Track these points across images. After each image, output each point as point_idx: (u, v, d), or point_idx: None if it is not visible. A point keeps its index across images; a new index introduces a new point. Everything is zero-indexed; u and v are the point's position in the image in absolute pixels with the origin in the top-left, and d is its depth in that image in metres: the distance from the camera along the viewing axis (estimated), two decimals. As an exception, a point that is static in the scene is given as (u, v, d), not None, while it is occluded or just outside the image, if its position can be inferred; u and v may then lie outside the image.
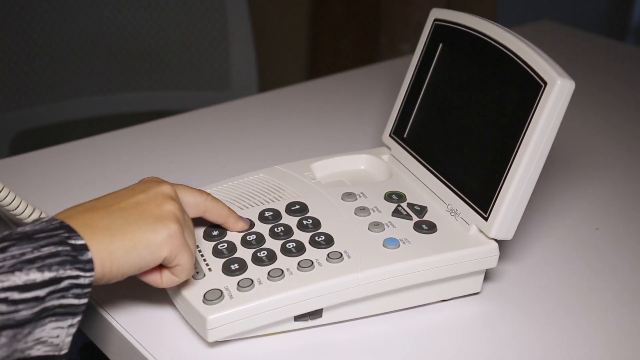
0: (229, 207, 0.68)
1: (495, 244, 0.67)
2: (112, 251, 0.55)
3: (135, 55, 1.65)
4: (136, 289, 0.69)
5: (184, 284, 0.63)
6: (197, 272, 0.64)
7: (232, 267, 0.64)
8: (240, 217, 0.69)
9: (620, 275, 0.75)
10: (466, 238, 0.67)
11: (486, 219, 0.66)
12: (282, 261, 0.65)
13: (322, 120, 1.05)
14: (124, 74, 1.67)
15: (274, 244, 0.67)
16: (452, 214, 0.70)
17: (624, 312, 0.70)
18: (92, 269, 0.54)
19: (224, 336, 0.61)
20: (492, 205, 0.66)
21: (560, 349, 0.65)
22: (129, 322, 0.65)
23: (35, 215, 0.69)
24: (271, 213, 0.70)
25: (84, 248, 0.54)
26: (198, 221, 0.69)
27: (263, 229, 0.69)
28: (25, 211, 0.69)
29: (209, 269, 0.64)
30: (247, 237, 0.67)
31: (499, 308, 0.69)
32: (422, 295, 0.68)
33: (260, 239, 0.67)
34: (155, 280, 0.61)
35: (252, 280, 0.62)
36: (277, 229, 0.68)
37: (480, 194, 0.67)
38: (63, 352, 0.54)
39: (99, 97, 1.67)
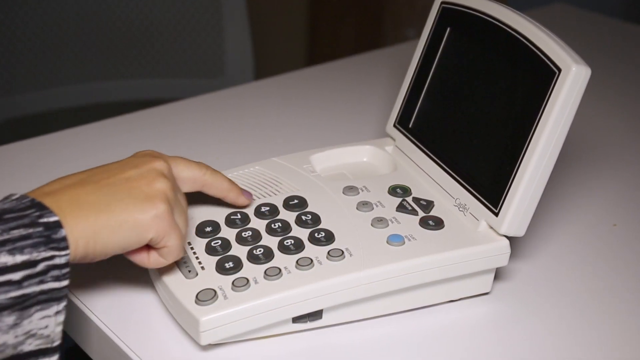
0: (230, 180, 0.69)
1: (506, 241, 0.67)
2: (97, 230, 0.56)
3: (124, 41, 1.65)
4: (125, 289, 0.69)
5: (176, 283, 0.63)
6: (190, 271, 0.64)
7: (227, 265, 0.64)
8: (243, 191, 0.70)
9: None
10: (475, 235, 0.67)
11: (496, 215, 0.66)
12: (280, 259, 0.65)
13: (322, 109, 1.05)
14: (112, 60, 1.66)
15: (271, 241, 0.67)
16: (461, 209, 0.70)
17: (643, 313, 0.70)
18: (66, 247, 0.54)
19: (217, 339, 0.61)
20: (503, 199, 0.66)
21: (575, 352, 0.65)
22: (116, 323, 0.65)
23: None
24: (268, 208, 0.70)
25: (57, 225, 0.54)
26: (192, 217, 0.69)
27: (259, 224, 0.69)
28: None
29: (202, 268, 0.64)
30: (243, 234, 0.67)
31: (510, 309, 0.69)
32: (429, 296, 0.68)
33: (256, 235, 0.67)
34: (142, 260, 0.62)
35: (248, 280, 0.62)
36: (274, 225, 0.68)
37: (490, 187, 0.67)
38: (56, 344, 0.55)
39: (85, 85, 1.67)
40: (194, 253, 0.66)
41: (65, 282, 0.54)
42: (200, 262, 0.65)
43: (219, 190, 0.69)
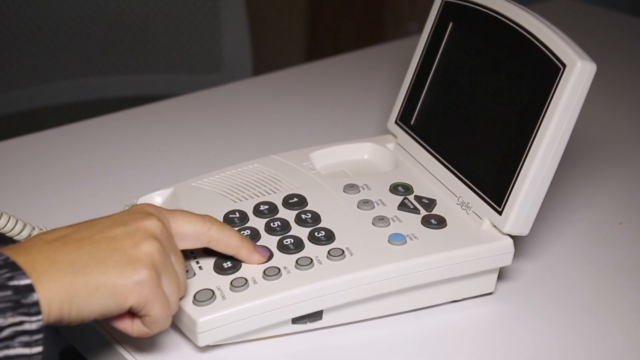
0: (241, 236, 0.64)
1: (510, 240, 0.67)
2: (73, 292, 0.52)
3: (120, 36, 1.65)
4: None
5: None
6: (187, 271, 0.64)
7: (225, 265, 0.64)
8: (257, 248, 0.65)
9: (645, 274, 0.75)
10: (478, 234, 0.67)
11: (500, 213, 0.66)
12: (279, 259, 0.65)
13: (322, 105, 1.05)
14: (108, 56, 1.66)
15: (269, 240, 0.67)
16: (463, 207, 0.70)
17: (649, 314, 0.70)
18: (38, 312, 0.50)
19: (215, 340, 0.61)
20: (507, 198, 0.65)
21: (580, 352, 0.65)
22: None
23: (25, 233, 0.67)
24: (267, 206, 0.70)
25: (29, 289, 0.50)
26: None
27: (258, 223, 0.69)
28: (15, 228, 0.66)
29: (200, 267, 0.64)
30: (241, 233, 0.67)
31: (514, 309, 0.69)
32: (431, 296, 0.68)
33: (255, 234, 0.67)
34: (125, 328, 0.58)
35: (247, 280, 0.62)
36: (274, 224, 0.68)
37: (494, 185, 0.67)
38: None
39: (81, 81, 1.67)
40: (192, 252, 0.66)
41: (37, 349, 0.50)
42: (198, 262, 0.65)
43: (228, 247, 0.63)
